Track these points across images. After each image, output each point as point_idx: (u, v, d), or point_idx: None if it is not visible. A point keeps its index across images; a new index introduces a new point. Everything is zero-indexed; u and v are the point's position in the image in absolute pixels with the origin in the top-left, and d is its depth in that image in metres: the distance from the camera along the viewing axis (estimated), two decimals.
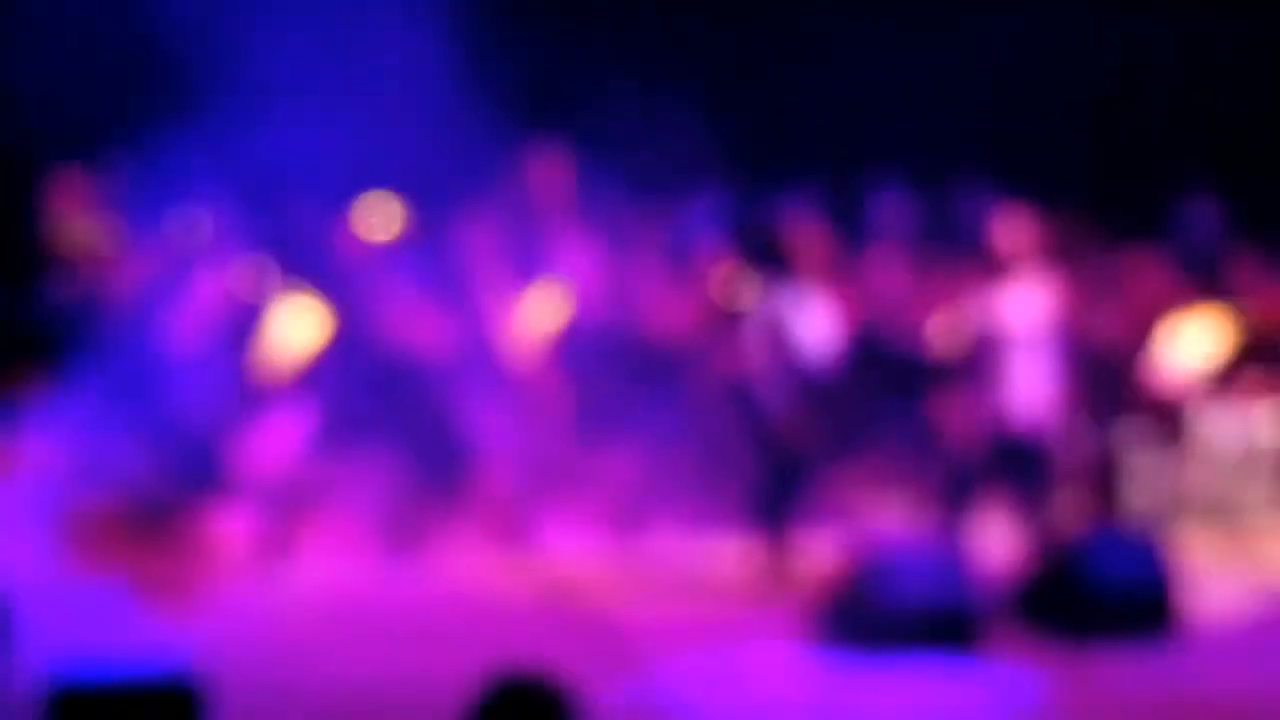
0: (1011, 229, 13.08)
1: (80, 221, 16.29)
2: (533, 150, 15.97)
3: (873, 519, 13.82)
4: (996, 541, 12.60)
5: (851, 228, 17.37)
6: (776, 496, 12.81)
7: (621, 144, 15.49)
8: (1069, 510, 13.77)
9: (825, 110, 19.00)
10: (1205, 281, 16.44)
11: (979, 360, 12.76)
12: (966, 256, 14.61)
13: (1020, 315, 12.75)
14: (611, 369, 14.92)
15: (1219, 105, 19.75)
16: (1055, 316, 13.04)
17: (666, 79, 15.70)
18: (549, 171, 16.11)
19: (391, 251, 16.15)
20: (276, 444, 13.87)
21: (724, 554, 13.07)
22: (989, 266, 13.01)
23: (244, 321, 15.10)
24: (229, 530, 13.21)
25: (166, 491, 13.27)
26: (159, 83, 15.55)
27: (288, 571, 12.69)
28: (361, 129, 14.05)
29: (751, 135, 18.23)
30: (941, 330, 13.80)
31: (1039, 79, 19.73)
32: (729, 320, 13.88)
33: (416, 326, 14.54)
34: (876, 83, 18.88)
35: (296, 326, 14.17)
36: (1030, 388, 12.68)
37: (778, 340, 12.76)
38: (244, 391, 15.12)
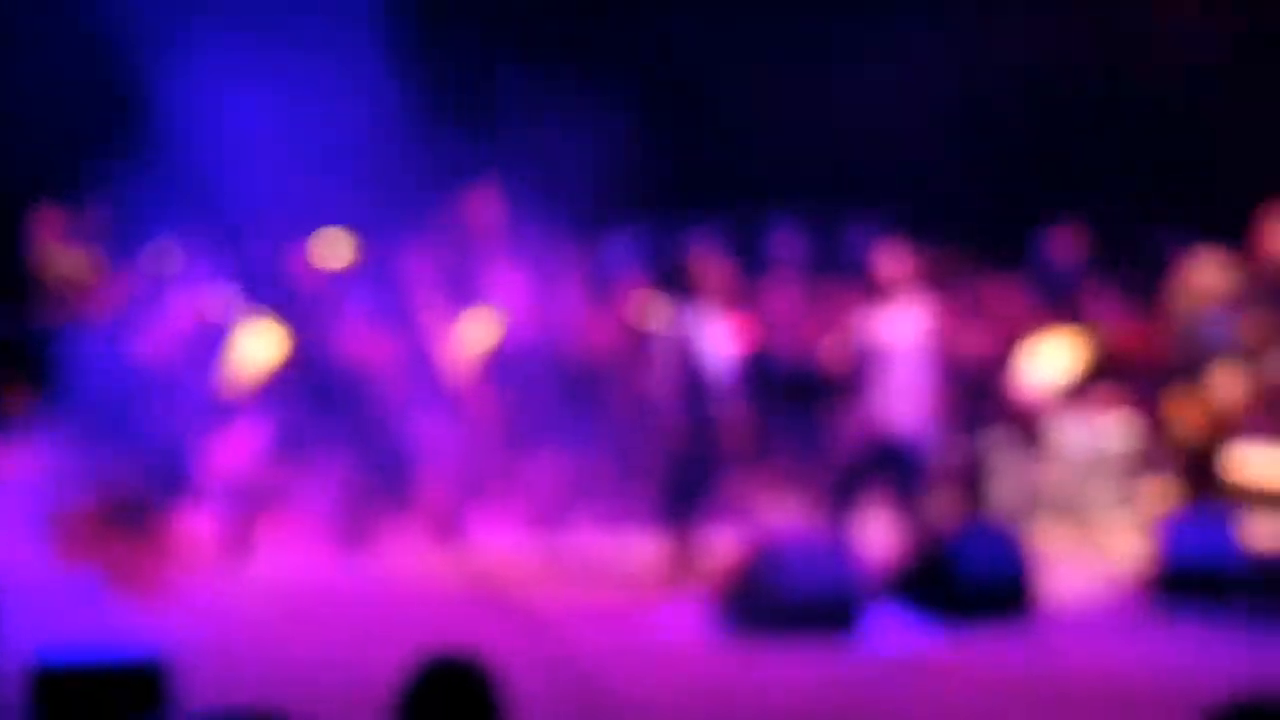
0: (891, 259, 13.11)
1: (63, 253, 16.27)
2: (468, 189, 15.98)
3: (768, 516, 13.85)
4: (877, 535, 12.63)
5: (750, 259, 17.40)
6: (683, 497, 12.81)
7: (547, 184, 15.50)
8: (941, 507, 13.80)
9: (728, 154, 19.06)
10: (1061, 307, 16.51)
11: (862, 375, 12.78)
12: (851, 283, 14.65)
13: (899, 335, 12.77)
14: (538, 384, 14.93)
15: (1075, 150, 19.86)
16: (929, 336, 13.06)
17: (589, 126, 15.70)
18: (482, 208, 16.11)
19: (342, 279, 16.12)
20: (239, 451, 13.82)
21: (637, 548, 13.07)
22: (871, 292, 13.04)
23: (210, 342, 15.09)
24: (195, 528, 13.17)
25: (140, 493, 13.22)
26: (133, 129, 15.52)
27: (248, 565, 12.66)
28: (315, 170, 14.04)
29: (662, 177, 18.27)
30: (830, 348, 13.83)
31: (915, 126, 19.82)
32: (642, 340, 13.88)
33: (364, 346, 14.52)
34: (773, 130, 18.97)
35: (257, 346, 14.14)
36: (907, 399, 12.70)
37: (685, 358, 12.76)
38: (210, 404, 15.10)
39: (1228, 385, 13.63)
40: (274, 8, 14.64)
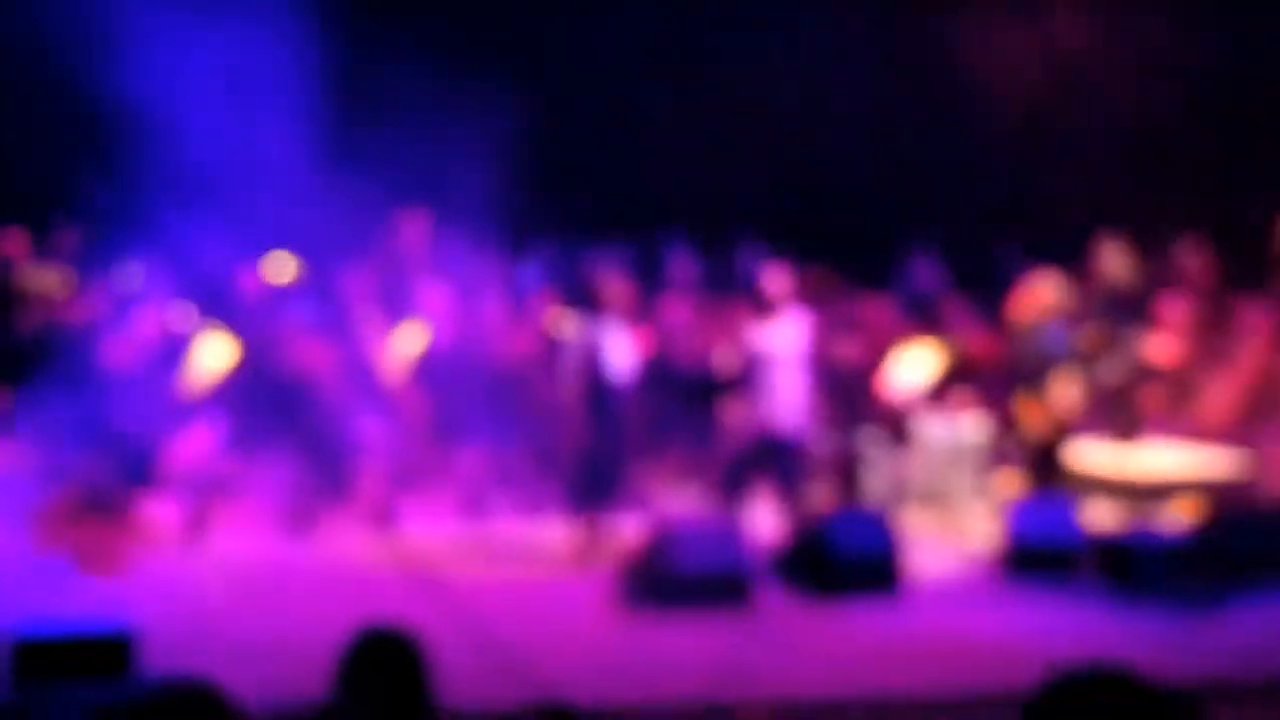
0: (775, 278, 13.19)
1: (37, 271, 16.20)
2: (400, 217, 16.00)
3: (666, 503, 13.87)
4: (763, 520, 12.69)
5: (650, 277, 17.47)
6: (591, 487, 12.82)
7: (470, 213, 15.50)
8: (819, 495, 13.87)
9: (628, 187, 19.11)
10: (923, 320, 16.64)
11: (749, 379, 12.86)
12: (740, 299, 14.73)
13: (781, 344, 12.84)
14: (461, 387, 14.91)
15: (935, 189, 20.03)
16: (808, 345, 13.15)
17: (508, 161, 15.72)
18: (412, 233, 16.15)
19: (287, 295, 16.13)
20: (197, 446, 13.75)
21: (550, 532, 13.07)
22: (757, 306, 13.11)
23: (171, 350, 15.05)
24: (159, 515, 13.10)
25: (109, 484, 13.15)
26: (103, 161, 15.45)
27: (205, 548, 12.59)
28: (264, 200, 14.01)
29: (571, 206, 18.30)
30: (720, 356, 13.91)
31: (798, 161, 19.97)
32: (553, 348, 13.92)
33: (307, 353, 14.48)
34: (670, 164, 19.04)
35: (212, 354, 14.09)
36: (789, 400, 12.77)
37: (591, 365, 12.80)
38: (171, 405, 15.03)
39: (1066, 389, 13.77)
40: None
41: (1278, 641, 10.47)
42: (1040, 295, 14.16)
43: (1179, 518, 13.33)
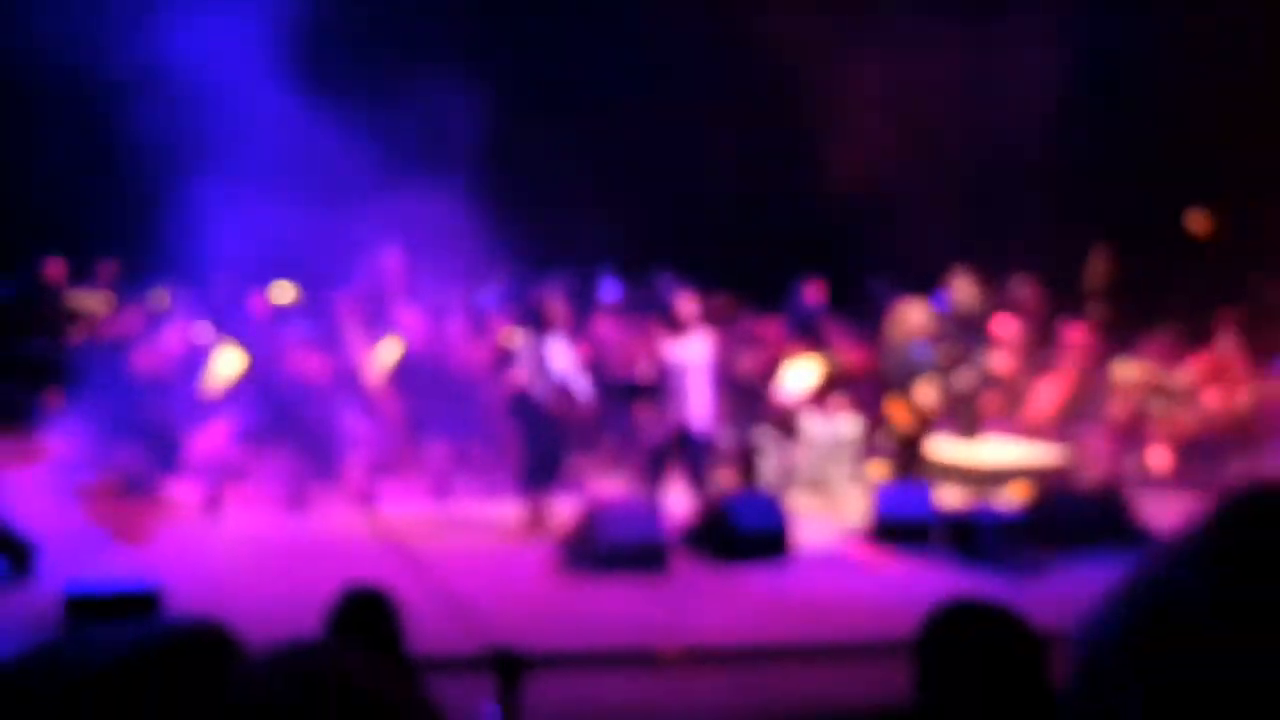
0: (686, 303, 13.22)
1: (81, 294, 16.18)
2: (380, 250, 16.00)
3: (598, 486, 13.91)
4: (677, 500, 12.73)
5: (585, 300, 17.54)
6: (536, 473, 12.84)
7: (438, 249, 15.51)
8: (723, 480, 13.95)
9: (568, 231, 19.15)
10: (808, 337, 16.73)
11: (665, 385, 12.87)
12: (657, 319, 14.75)
13: (691, 356, 12.87)
14: (430, 390, 14.95)
15: (817, 227, 20.12)
16: (713, 358, 13.19)
17: (465, 212, 15.70)
18: (391, 265, 16.14)
19: (288, 314, 16.14)
20: (213, 439, 13.73)
21: (503, 511, 13.09)
22: (672, 326, 13.13)
23: (193, 359, 15.04)
24: (181, 495, 13.08)
25: (141, 469, 13.11)
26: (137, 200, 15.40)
27: (219, 522, 12.57)
28: (270, 235, 13.96)
29: (521, 244, 18.31)
30: (642, 365, 13.94)
31: (705, 205, 20.09)
32: (507, 358, 13.93)
33: (304, 362, 14.49)
34: (600, 214, 19.08)
35: (226, 362, 14.07)
36: (697, 402, 12.82)
37: (538, 372, 12.82)
38: (192, 404, 15.02)
39: (927, 394, 13.88)
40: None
41: (1089, 598, 10.59)
42: (907, 317, 14.24)
43: (1012, 498, 13.48)
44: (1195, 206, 22.08)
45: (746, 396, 15.01)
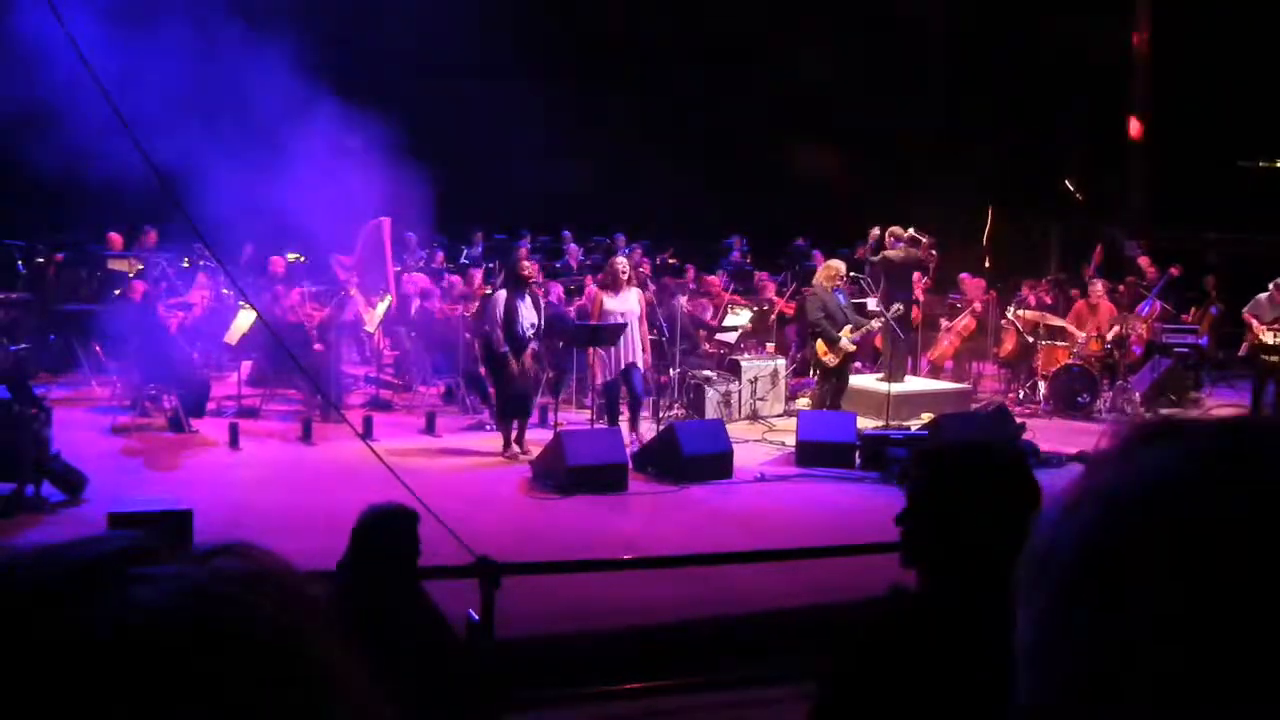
0: (634, 260, 13.12)
1: (128, 260, 16.14)
2: (374, 218, 15.88)
3: (563, 417, 13.87)
4: (629, 429, 12.72)
5: (552, 261, 17.52)
6: (511, 405, 12.74)
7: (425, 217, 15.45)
8: (673, 410, 13.95)
9: (537, 202, 19.12)
10: (740, 286, 16.76)
11: (612, 331, 12.70)
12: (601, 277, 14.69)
13: (631, 307, 12.72)
14: (420, 336, 14.91)
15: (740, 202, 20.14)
16: (647, 309, 13.05)
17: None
18: (385, 229, 16.03)
19: (297, 272, 16.07)
20: (235, 380, 13.64)
21: (485, 440, 13.05)
22: (626, 281, 13.02)
23: (216, 312, 14.98)
24: (207, 429, 13.01)
25: (173, 407, 13.03)
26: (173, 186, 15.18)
27: (241, 452, 12.50)
28: (283, 206, 13.82)
29: (497, 215, 18.26)
30: (594, 314, 13.87)
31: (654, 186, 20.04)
32: (485, 307, 13.84)
33: (310, 315, 14.44)
34: (566, 187, 19.05)
35: (244, 315, 13.98)
36: (639, 346, 12.72)
37: (510, 317, 12.68)
38: (215, 352, 14.98)
39: (847, 336, 13.88)
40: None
41: None
42: (827, 270, 14.20)
43: (918, 423, 13.55)
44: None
45: (693, 338, 15.02)
